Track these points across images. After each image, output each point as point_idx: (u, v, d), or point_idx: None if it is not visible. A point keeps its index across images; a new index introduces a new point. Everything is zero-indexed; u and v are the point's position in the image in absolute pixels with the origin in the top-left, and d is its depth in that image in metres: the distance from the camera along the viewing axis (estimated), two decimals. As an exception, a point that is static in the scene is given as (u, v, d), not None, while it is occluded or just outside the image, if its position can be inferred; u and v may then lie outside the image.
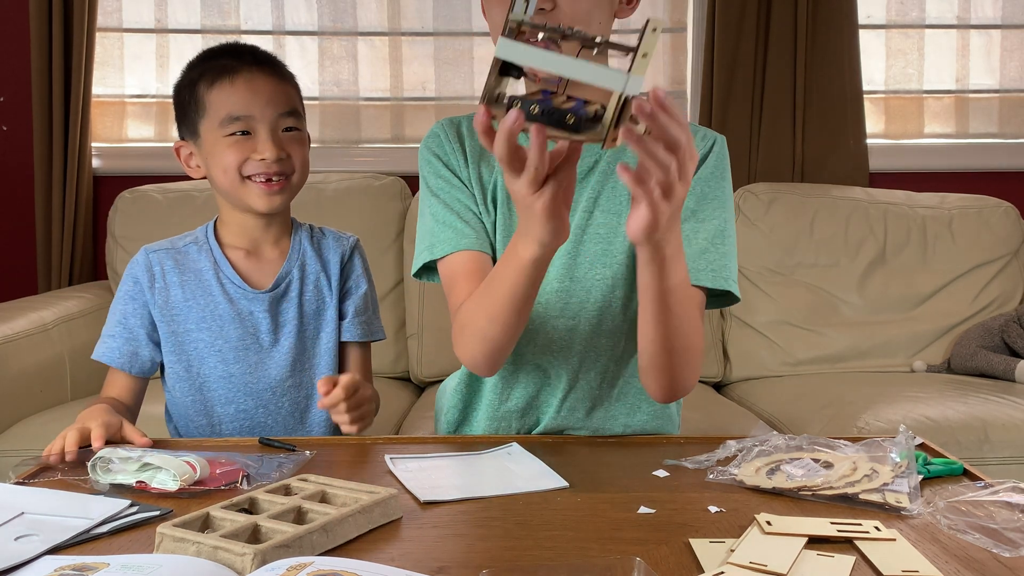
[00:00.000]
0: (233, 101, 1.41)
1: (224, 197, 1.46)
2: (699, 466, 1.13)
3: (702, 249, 1.31)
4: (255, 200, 1.43)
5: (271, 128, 1.42)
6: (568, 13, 1.22)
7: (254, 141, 1.41)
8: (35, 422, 2.06)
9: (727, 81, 2.79)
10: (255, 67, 1.43)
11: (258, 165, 1.41)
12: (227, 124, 1.41)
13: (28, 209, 2.81)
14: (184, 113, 1.47)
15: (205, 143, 1.44)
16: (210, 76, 1.43)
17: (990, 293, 2.64)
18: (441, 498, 1.04)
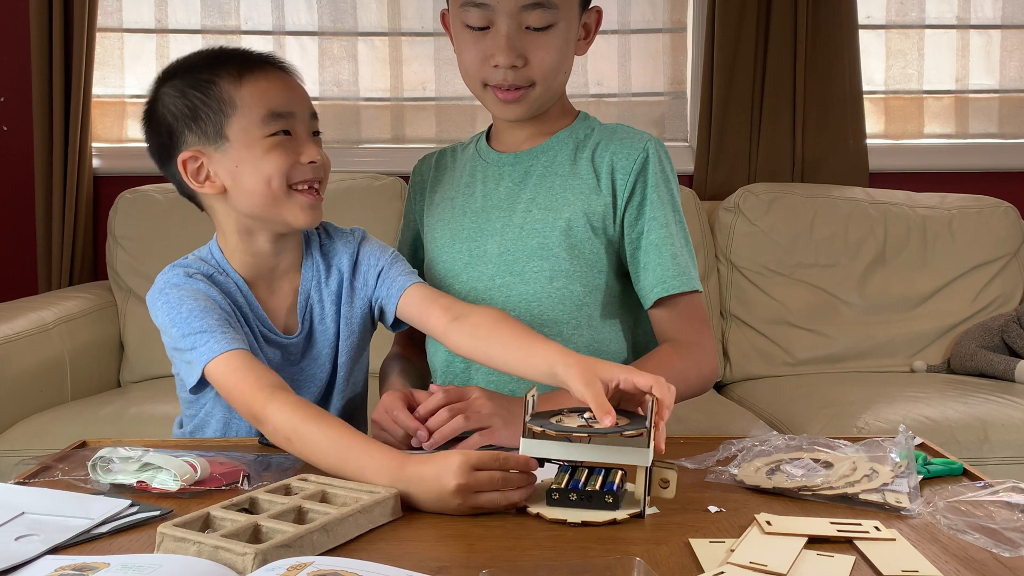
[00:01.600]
0: (273, 96, 1.24)
1: (251, 211, 1.26)
2: (699, 466, 1.13)
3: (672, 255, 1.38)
4: (298, 214, 1.25)
5: (307, 128, 1.27)
6: (538, 68, 1.35)
7: (296, 143, 1.25)
8: (35, 422, 2.06)
9: (727, 81, 2.79)
10: (271, 64, 1.28)
11: (306, 171, 1.24)
12: (269, 122, 1.23)
13: (28, 209, 2.81)
14: (194, 117, 1.25)
15: (236, 147, 1.23)
16: (233, 72, 1.24)
17: (990, 293, 2.64)
18: None
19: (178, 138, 1.26)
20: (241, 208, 1.26)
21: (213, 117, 1.24)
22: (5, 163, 2.84)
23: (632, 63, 2.94)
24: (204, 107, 1.24)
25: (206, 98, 1.24)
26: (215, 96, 1.24)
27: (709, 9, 2.78)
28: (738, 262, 2.65)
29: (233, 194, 1.26)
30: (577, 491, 0.98)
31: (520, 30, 1.34)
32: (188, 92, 1.25)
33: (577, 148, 1.45)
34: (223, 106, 1.23)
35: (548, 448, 0.99)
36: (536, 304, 1.40)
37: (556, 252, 1.39)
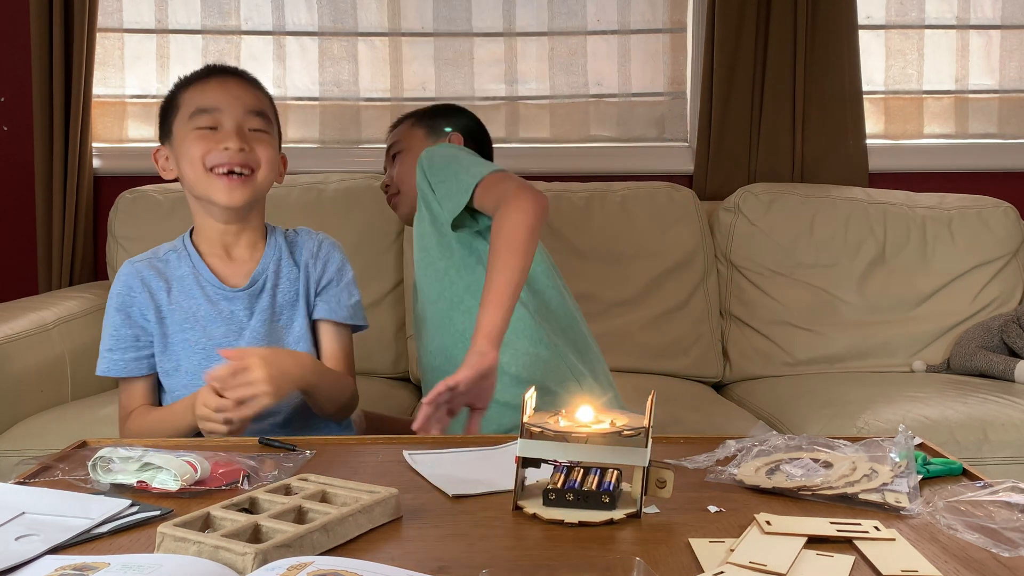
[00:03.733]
0: (203, 96, 1.49)
1: (191, 193, 1.52)
2: (699, 466, 1.13)
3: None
4: (218, 194, 1.48)
5: (237, 123, 1.48)
6: (396, 178, 1.91)
7: (220, 134, 1.47)
8: (35, 422, 2.06)
9: (727, 81, 2.79)
10: (229, 74, 1.54)
11: (221, 155, 1.46)
12: (196, 117, 1.48)
13: (28, 209, 2.81)
14: (163, 120, 1.55)
15: (175, 139, 1.51)
16: (187, 80, 1.54)
17: (990, 293, 2.64)
18: (469, 492, 1.05)
19: (160, 138, 1.57)
20: (186, 190, 1.53)
21: (167, 118, 1.53)
22: (5, 163, 2.85)
23: (632, 63, 2.94)
24: (165, 111, 1.54)
25: (168, 104, 1.54)
26: (170, 100, 1.54)
27: (709, 9, 2.78)
28: (738, 262, 2.65)
29: (181, 181, 1.53)
30: (573, 491, 0.98)
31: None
32: (165, 102, 1.56)
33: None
34: (171, 108, 1.53)
35: (545, 448, 0.99)
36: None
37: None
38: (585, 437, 0.98)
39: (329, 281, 1.58)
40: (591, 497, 0.98)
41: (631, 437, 0.98)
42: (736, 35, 2.77)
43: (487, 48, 2.92)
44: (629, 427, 0.99)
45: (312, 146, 2.93)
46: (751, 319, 2.63)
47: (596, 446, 0.98)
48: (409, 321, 2.62)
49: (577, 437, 0.98)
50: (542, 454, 0.99)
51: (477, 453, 1.22)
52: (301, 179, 2.68)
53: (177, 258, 1.55)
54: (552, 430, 0.99)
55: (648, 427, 0.98)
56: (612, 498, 0.98)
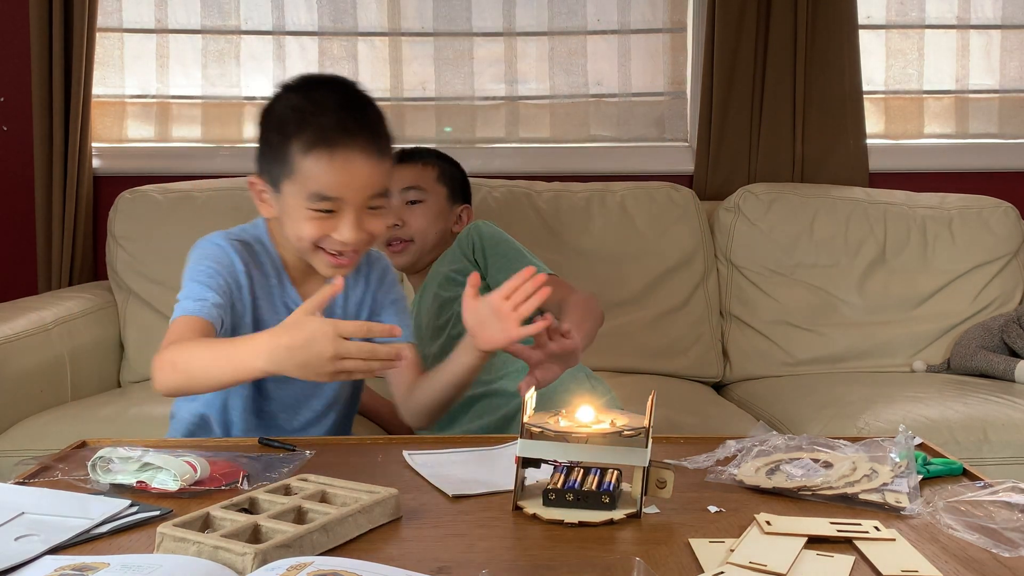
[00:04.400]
0: (326, 181, 1.32)
1: (290, 243, 1.41)
2: (699, 466, 1.13)
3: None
4: (320, 267, 1.39)
5: (357, 210, 1.34)
6: (413, 227, 1.91)
7: (337, 220, 1.34)
8: (35, 422, 2.06)
9: (727, 81, 2.79)
10: (357, 140, 1.33)
11: (335, 244, 1.35)
12: (314, 200, 1.33)
13: (28, 209, 2.81)
14: (270, 154, 1.37)
15: (285, 201, 1.36)
16: (307, 139, 1.33)
17: (990, 293, 2.64)
18: (469, 492, 1.05)
19: (258, 159, 1.41)
20: (283, 233, 1.41)
21: (276, 169, 1.36)
22: (5, 163, 2.84)
23: (632, 63, 2.94)
24: (274, 156, 1.36)
25: (278, 149, 1.35)
26: (283, 153, 1.34)
27: (709, 9, 2.78)
28: (738, 262, 2.65)
29: (279, 223, 1.40)
30: (573, 491, 0.98)
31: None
32: (273, 132, 1.37)
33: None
34: (284, 166, 1.35)
35: (546, 449, 0.99)
36: None
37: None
38: (585, 437, 0.98)
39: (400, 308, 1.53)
40: (591, 497, 0.98)
41: (631, 437, 0.98)
42: (736, 35, 2.77)
43: (487, 48, 2.92)
44: (629, 427, 0.99)
45: (312, 146, 2.92)
46: (751, 319, 2.63)
47: (596, 446, 0.98)
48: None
49: (577, 437, 0.98)
50: (542, 454, 0.99)
51: (477, 453, 1.22)
52: (301, 179, 2.68)
53: (264, 259, 1.43)
54: (552, 430, 0.99)
55: (648, 427, 0.98)
56: (612, 498, 0.98)
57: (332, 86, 1.40)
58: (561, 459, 1.01)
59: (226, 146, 2.90)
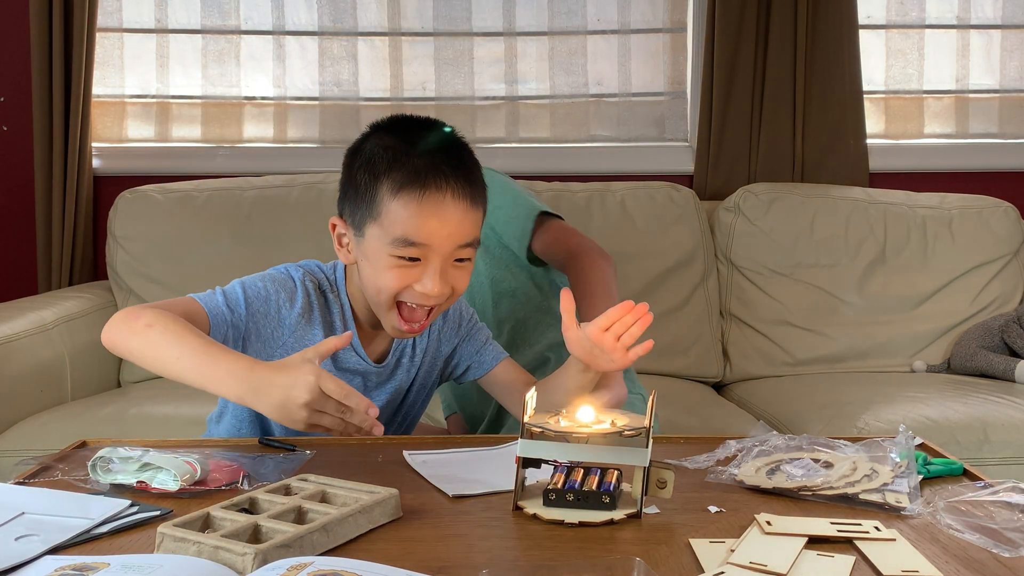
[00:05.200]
0: (414, 225, 1.24)
1: (365, 296, 1.33)
2: (699, 466, 1.13)
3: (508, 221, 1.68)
4: (391, 326, 1.31)
5: (444, 260, 1.26)
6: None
7: (421, 270, 1.26)
8: (35, 422, 2.06)
9: (727, 81, 2.79)
10: (449, 184, 1.25)
11: (417, 297, 1.27)
12: (400, 246, 1.24)
13: (28, 209, 2.81)
14: (355, 193, 1.29)
15: (367, 247, 1.28)
16: (397, 178, 1.25)
17: (990, 293, 2.64)
18: (469, 492, 1.05)
19: (343, 200, 1.33)
20: (360, 283, 1.34)
21: (362, 210, 1.28)
22: (5, 163, 2.84)
23: (632, 63, 2.94)
24: (361, 197, 1.28)
25: (367, 189, 1.27)
26: (371, 194, 1.27)
27: (709, 9, 2.78)
28: (738, 262, 2.65)
29: (357, 271, 1.33)
30: (574, 491, 0.98)
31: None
32: (363, 170, 1.28)
33: None
34: (371, 207, 1.27)
35: (546, 449, 0.99)
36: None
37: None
38: (585, 437, 0.98)
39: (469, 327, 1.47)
40: (591, 497, 0.98)
41: (631, 437, 0.98)
42: (736, 35, 2.77)
43: (487, 48, 2.92)
44: (629, 427, 0.99)
45: (312, 146, 2.93)
46: (751, 319, 2.63)
47: (596, 446, 0.98)
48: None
49: (577, 437, 0.98)
50: (542, 454, 0.99)
51: (477, 453, 1.22)
52: (301, 179, 2.68)
53: (332, 303, 1.36)
54: (552, 430, 0.99)
55: (648, 427, 0.98)
56: (612, 498, 0.98)
57: (428, 127, 1.34)
58: (561, 459, 1.01)
59: (226, 146, 2.90)
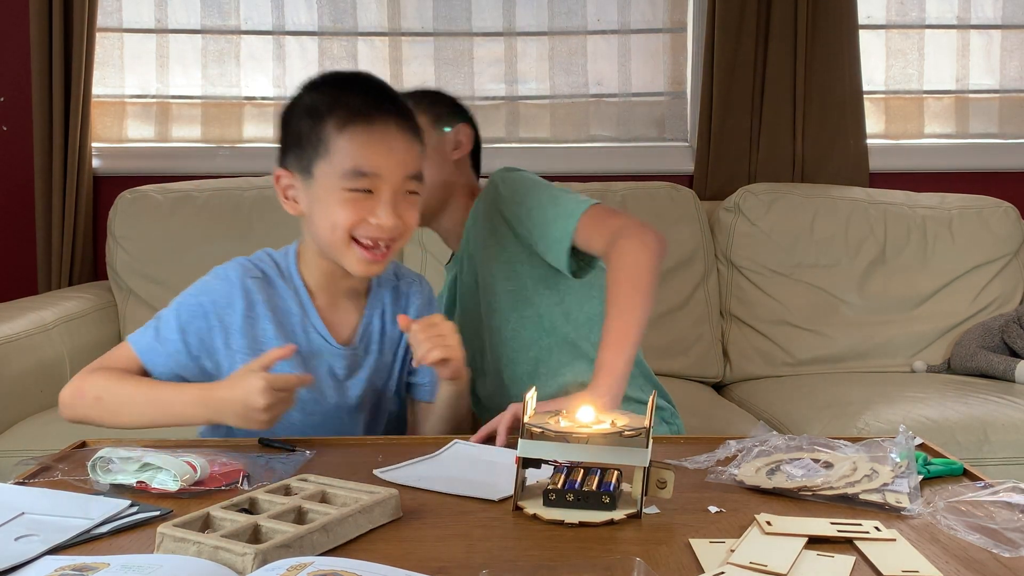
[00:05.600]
0: (365, 154, 1.28)
1: (318, 246, 1.35)
2: (699, 466, 1.13)
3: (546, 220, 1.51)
4: (353, 264, 1.31)
5: (395, 191, 1.29)
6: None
7: (373, 202, 1.28)
8: (35, 422, 2.06)
9: (727, 81, 2.79)
10: (392, 117, 1.31)
11: (372, 230, 1.29)
12: (351, 178, 1.27)
13: (28, 209, 2.81)
14: (297, 143, 1.32)
15: (318, 186, 1.30)
16: (341, 115, 1.29)
17: (990, 293, 2.64)
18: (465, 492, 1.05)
19: (285, 154, 1.36)
20: (312, 237, 1.35)
21: (309, 152, 1.30)
22: (5, 163, 2.84)
23: (632, 63, 2.94)
24: (305, 140, 1.31)
25: (310, 133, 1.30)
26: (317, 134, 1.29)
27: (709, 9, 2.78)
28: (738, 262, 2.65)
29: (307, 224, 1.35)
30: (574, 491, 0.98)
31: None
32: (303, 118, 1.32)
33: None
34: (319, 146, 1.29)
35: (546, 449, 0.99)
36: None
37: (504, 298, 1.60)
38: (586, 437, 0.98)
39: None
40: (591, 497, 0.98)
41: (631, 437, 0.98)
42: (736, 35, 2.77)
43: (487, 48, 2.92)
44: (629, 427, 0.99)
45: (312, 146, 2.92)
46: (751, 319, 2.63)
47: (596, 446, 0.98)
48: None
49: (578, 437, 0.98)
50: (542, 454, 0.99)
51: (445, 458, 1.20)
52: (301, 179, 2.68)
53: (284, 287, 1.37)
54: (552, 430, 0.99)
55: (648, 427, 0.98)
56: (612, 498, 0.98)
57: (358, 75, 1.41)
58: (561, 459, 1.01)
59: (226, 146, 2.90)
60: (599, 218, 1.47)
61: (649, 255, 1.42)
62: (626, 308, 1.40)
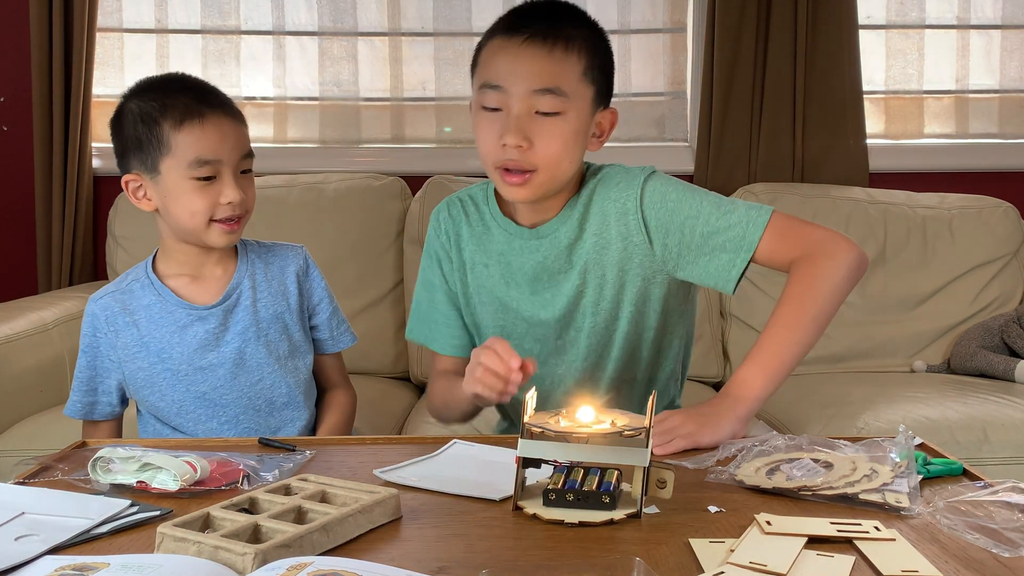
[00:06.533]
0: (203, 145, 1.42)
1: (180, 234, 1.48)
2: (699, 466, 1.13)
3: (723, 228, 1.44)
4: (215, 239, 1.46)
5: (234, 172, 1.45)
6: (542, 155, 1.34)
7: (218, 186, 1.43)
8: (35, 422, 2.06)
9: (727, 81, 2.79)
10: (220, 111, 1.45)
11: (224, 210, 1.44)
12: (195, 167, 1.42)
13: (28, 209, 2.81)
14: (138, 147, 1.44)
15: (167, 181, 1.44)
16: (175, 115, 1.42)
17: (990, 293, 2.64)
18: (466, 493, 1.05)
19: (127, 159, 1.47)
20: (170, 227, 1.48)
21: (152, 153, 1.44)
22: (5, 163, 2.84)
23: (632, 63, 2.94)
24: (146, 142, 1.44)
25: (149, 135, 1.43)
26: (156, 135, 1.43)
27: (709, 9, 2.78)
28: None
29: (163, 216, 1.48)
30: (574, 491, 0.98)
31: (530, 114, 1.33)
32: (138, 124, 1.44)
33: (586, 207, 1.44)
34: (160, 146, 1.43)
35: (546, 448, 0.99)
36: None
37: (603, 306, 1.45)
38: (586, 437, 0.98)
39: (320, 303, 1.60)
40: (591, 497, 0.98)
41: (631, 437, 0.98)
42: (736, 35, 2.77)
43: (487, 48, 2.91)
44: (629, 427, 0.99)
45: (312, 146, 2.93)
46: (751, 319, 2.63)
47: (596, 446, 0.98)
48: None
49: (578, 437, 0.98)
50: (542, 454, 0.99)
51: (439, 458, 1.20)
52: (301, 179, 2.68)
53: (141, 288, 1.51)
54: (552, 430, 0.99)
55: (648, 427, 0.98)
56: (612, 498, 0.98)
57: (174, 77, 1.53)
58: (561, 459, 1.01)
59: (226, 146, 2.89)
60: (789, 227, 1.41)
61: (841, 271, 1.35)
62: (791, 324, 1.38)
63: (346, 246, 2.60)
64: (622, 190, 1.43)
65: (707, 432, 1.22)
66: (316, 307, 1.60)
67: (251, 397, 1.51)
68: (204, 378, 1.49)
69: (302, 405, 1.55)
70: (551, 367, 1.48)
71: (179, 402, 1.49)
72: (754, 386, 1.31)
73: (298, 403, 1.55)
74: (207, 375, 1.49)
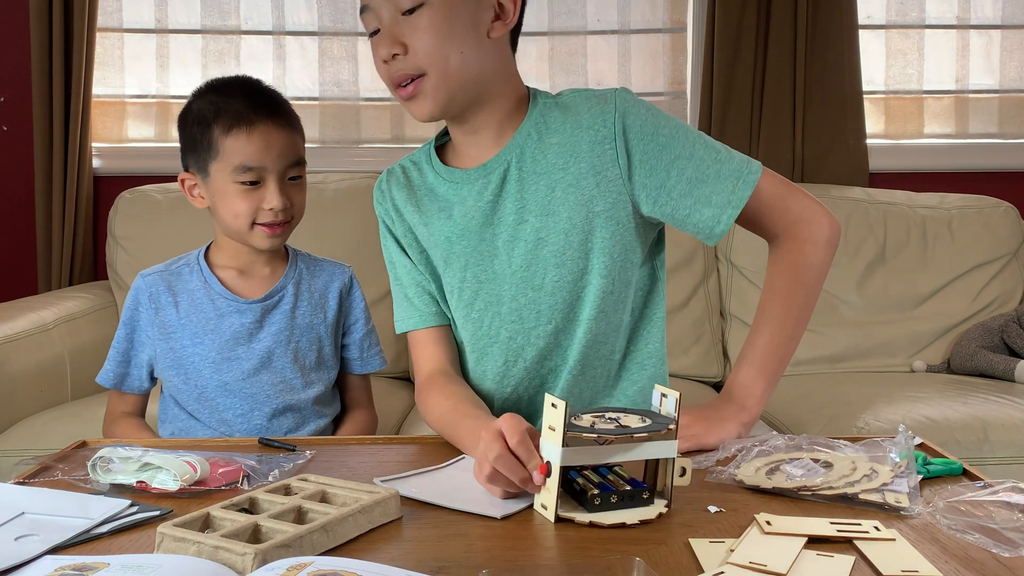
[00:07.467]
0: (248, 152, 1.46)
1: (228, 233, 1.53)
2: (699, 466, 1.13)
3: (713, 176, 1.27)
4: (258, 241, 1.51)
5: (279, 179, 1.49)
6: (421, 53, 1.21)
7: (263, 191, 1.48)
8: (35, 422, 2.06)
9: (727, 81, 2.79)
10: (270, 119, 1.48)
11: (267, 215, 1.49)
12: (240, 173, 1.47)
13: (28, 209, 2.81)
14: (193, 147, 1.51)
15: (214, 183, 1.50)
16: (226, 121, 1.47)
17: (990, 293, 2.64)
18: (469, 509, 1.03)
19: (185, 157, 1.54)
20: (218, 224, 1.54)
21: (203, 155, 1.50)
22: (5, 163, 2.84)
23: (632, 63, 2.94)
24: (199, 144, 1.50)
25: (201, 137, 1.49)
26: (207, 138, 1.49)
27: (709, 9, 2.78)
28: (738, 262, 2.65)
29: (213, 214, 1.54)
30: (616, 493, 0.98)
31: (397, 18, 1.22)
32: (195, 125, 1.50)
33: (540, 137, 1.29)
34: (210, 149, 1.49)
35: (584, 455, 0.98)
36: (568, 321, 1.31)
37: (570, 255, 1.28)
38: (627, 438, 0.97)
39: (356, 323, 1.63)
40: (634, 496, 0.98)
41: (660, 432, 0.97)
42: (736, 35, 2.77)
43: (487, 48, 2.92)
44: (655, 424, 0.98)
45: (312, 146, 2.92)
46: (751, 319, 2.61)
47: (627, 444, 0.97)
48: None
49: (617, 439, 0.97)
50: (583, 460, 0.98)
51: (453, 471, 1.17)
52: (301, 179, 2.68)
53: (189, 272, 1.57)
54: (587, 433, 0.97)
55: (676, 418, 0.98)
56: (651, 493, 0.99)
57: (238, 80, 1.56)
58: (600, 462, 1.00)
59: (226, 146, 2.90)
60: (776, 194, 1.29)
61: (824, 255, 1.30)
62: (784, 320, 1.34)
63: (346, 246, 2.60)
64: (595, 116, 1.25)
65: (713, 435, 1.22)
66: (352, 326, 1.63)
67: (269, 396, 1.53)
68: (229, 368, 1.52)
69: (315, 416, 1.57)
70: (510, 335, 1.31)
71: (200, 388, 1.52)
72: (755, 392, 1.29)
73: (312, 412, 1.56)
74: (233, 367, 1.52)
